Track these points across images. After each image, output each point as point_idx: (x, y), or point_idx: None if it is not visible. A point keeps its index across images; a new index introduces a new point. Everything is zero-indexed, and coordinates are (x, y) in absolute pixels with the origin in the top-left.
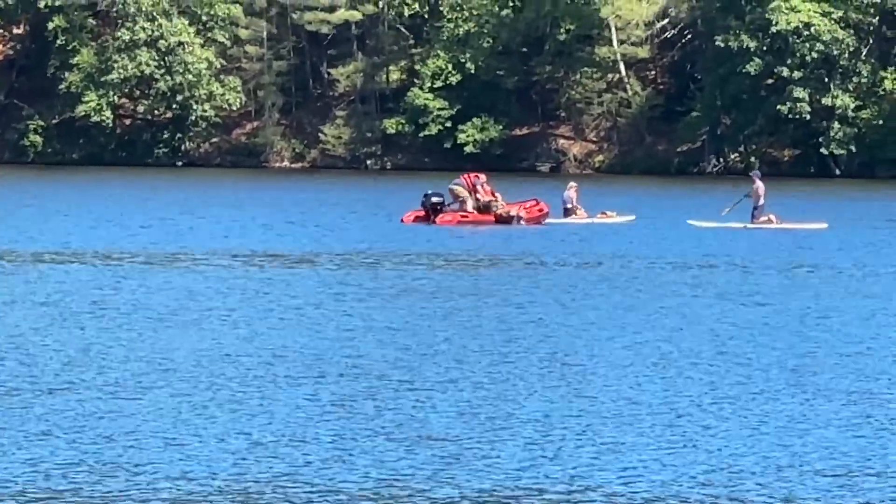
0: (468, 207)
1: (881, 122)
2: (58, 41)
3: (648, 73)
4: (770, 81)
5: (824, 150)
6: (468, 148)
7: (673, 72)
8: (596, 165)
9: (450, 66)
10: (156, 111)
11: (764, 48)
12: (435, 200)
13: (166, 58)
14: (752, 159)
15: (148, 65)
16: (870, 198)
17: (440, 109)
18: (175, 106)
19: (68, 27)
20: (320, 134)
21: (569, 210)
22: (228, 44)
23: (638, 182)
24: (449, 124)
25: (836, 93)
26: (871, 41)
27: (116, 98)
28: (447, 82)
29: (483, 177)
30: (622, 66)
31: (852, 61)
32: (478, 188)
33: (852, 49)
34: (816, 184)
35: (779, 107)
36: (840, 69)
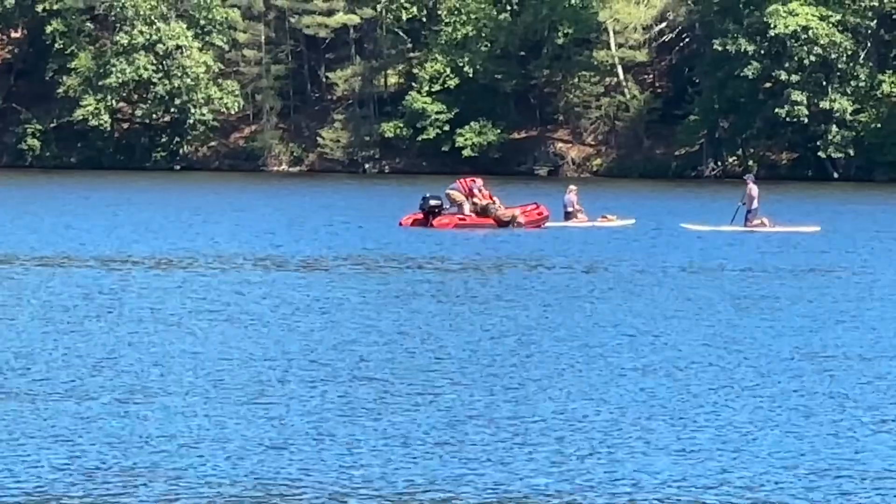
0: (465, 211)
1: (879, 126)
2: (56, 45)
3: (646, 77)
4: (768, 85)
5: (822, 154)
6: (466, 152)
7: (671, 75)
8: (594, 169)
9: (448, 70)
10: (154, 115)
11: (762, 52)
12: (433, 203)
13: (164, 62)
14: (751, 163)
15: (146, 69)
16: (866, 201)
17: (438, 113)
18: (173, 110)
19: (66, 31)
20: (318, 137)
21: (570, 213)
22: (226, 48)
23: (636, 186)
24: (447, 128)
25: (834, 96)
26: (869, 45)
27: (114, 102)
28: (445, 86)
29: (479, 181)
30: (620, 70)
31: (850, 65)
32: (475, 192)
33: (850, 52)
34: (814, 187)
35: (777, 110)
36: (838, 73)
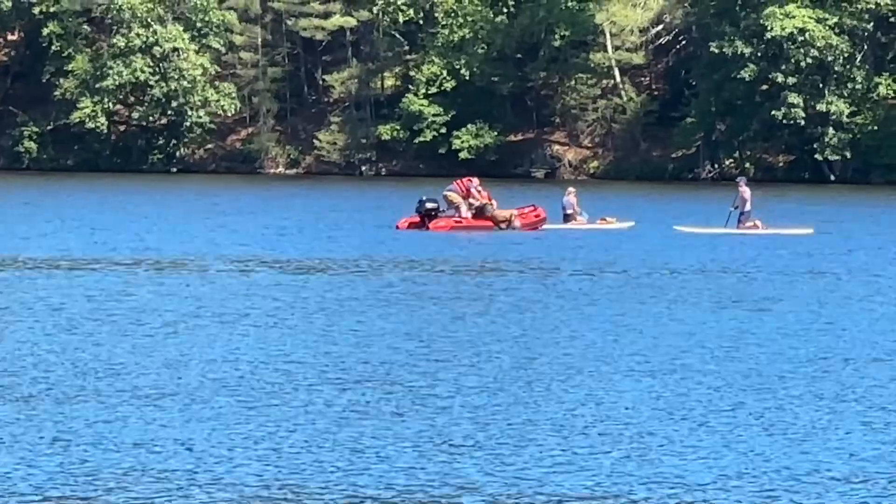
0: (463, 213)
1: (875, 128)
2: (52, 47)
3: (643, 79)
4: (765, 87)
5: (819, 156)
6: (463, 154)
7: (667, 78)
8: (591, 171)
9: (444, 73)
10: (150, 117)
11: (758, 54)
12: (429, 206)
13: (161, 64)
14: (747, 165)
15: (143, 71)
16: (862, 203)
17: (435, 115)
18: (170, 112)
19: (63, 33)
20: (315, 140)
21: (569, 216)
22: (223, 50)
23: (632, 188)
24: (444, 130)
25: (831, 99)
26: (866, 47)
27: (111, 104)
28: (442, 88)
29: (476, 180)
30: (617, 72)
31: (847, 67)
32: (472, 192)
33: (847, 55)
34: (810, 190)
35: (773, 113)
36: (835, 75)
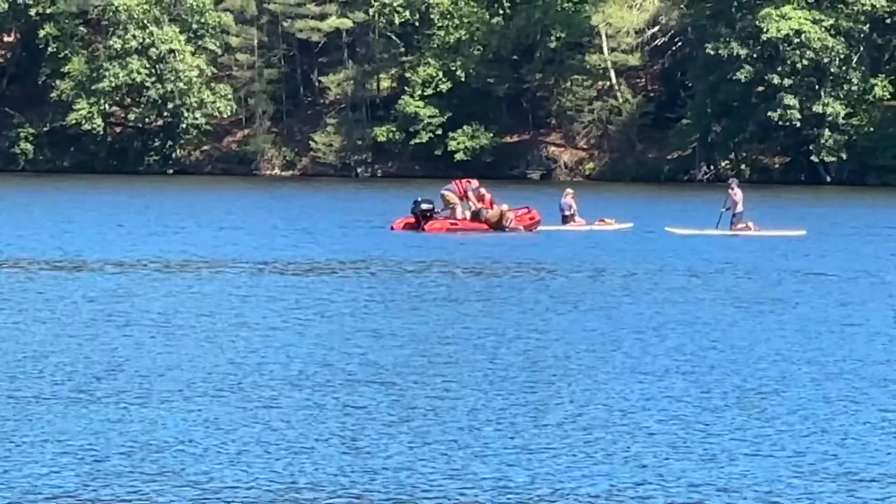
0: (458, 214)
1: (871, 130)
2: (49, 49)
3: (639, 81)
4: (761, 89)
5: (815, 158)
6: (459, 155)
7: (663, 79)
8: (586, 173)
9: (440, 74)
10: (147, 119)
11: (754, 55)
12: (424, 207)
13: (157, 66)
14: (743, 167)
15: (139, 73)
16: (857, 205)
17: (431, 117)
18: (166, 114)
19: (59, 35)
20: (311, 141)
21: (567, 217)
22: (219, 52)
23: (628, 189)
24: (440, 132)
25: (827, 100)
26: (862, 49)
27: (107, 106)
28: (438, 90)
29: (475, 182)
30: (613, 74)
31: (843, 69)
32: (469, 194)
33: (843, 56)
34: (806, 191)
35: (769, 114)
36: (830, 76)
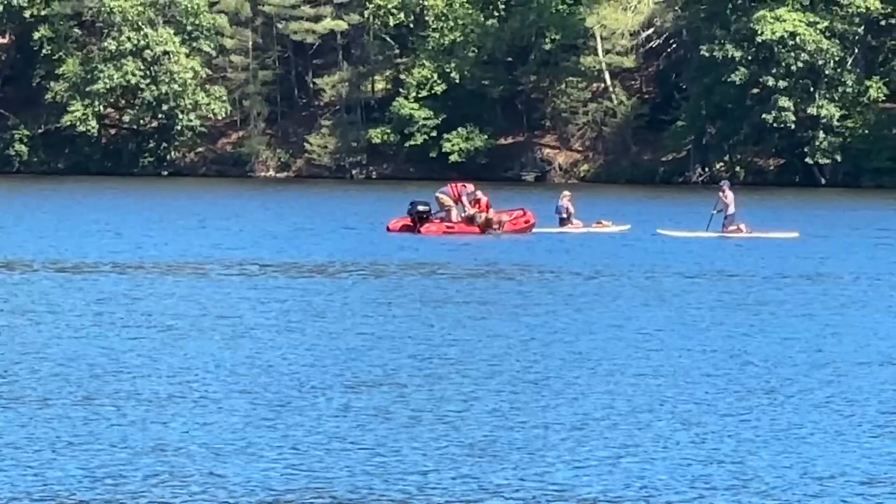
0: (453, 217)
1: (866, 132)
2: (43, 51)
3: (633, 83)
4: (755, 91)
5: (809, 160)
6: (453, 157)
7: (658, 81)
8: (581, 175)
9: (435, 76)
10: (141, 121)
11: (749, 58)
12: (421, 209)
13: (152, 67)
14: (737, 169)
15: (133, 74)
16: (851, 207)
17: (425, 119)
18: (160, 115)
19: (54, 37)
20: (305, 143)
21: (564, 220)
22: (214, 53)
23: (623, 191)
24: (434, 134)
25: (822, 102)
26: (857, 51)
27: (102, 108)
28: (432, 92)
29: (470, 186)
30: (607, 76)
31: (837, 71)
32: (463, 199)
33: (837, 59)
34: (801, 193)
35: (764, 116)
36: (825, 79)
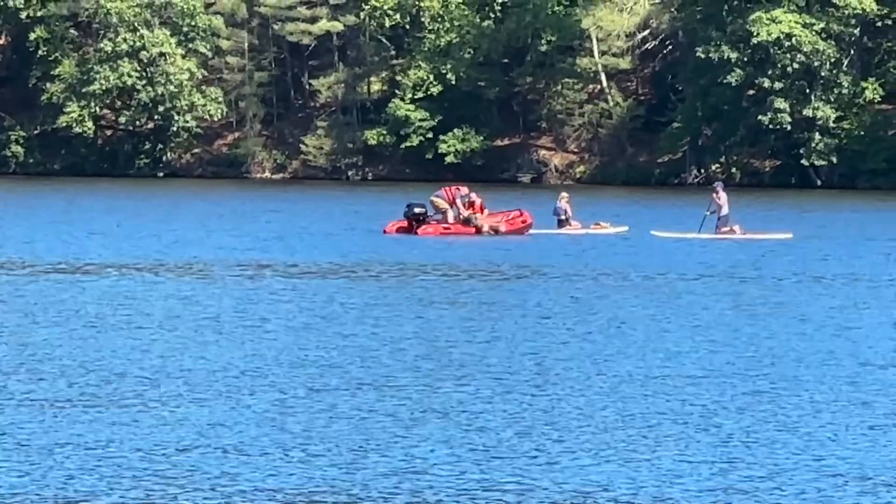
0: (449, 219)
1: (862, 134)
2: (39, 52)
3: (629, 84)
4: (751, 92)
5: (805, 161)
6: (449, 158)
7: (654, 83)
8: (577, 176)
9: (431, 77)
10: (137, 122)
11: (745, 59)
12: (417, 211)
13: (148, 69)
14: (733, 170)
15: (129, 76)
16: (846, 209)
17: (421, 120)
18: (156, 117)
19: (50, 38)
20: (301, 145)
21: (562, 221)
22: (210, 55)
23: (619, 193)
24: (430, 135)
25: (817, 104)
26: (853, 52)
27: (98, 109)
28: (428, 93)
29: (465, 189)
30: (603, 77)
31: (833, 72)
32: (457, 201)
33: (833, 60)
34: (797, 195)
35: (760, 118)
36: (821, 80)
